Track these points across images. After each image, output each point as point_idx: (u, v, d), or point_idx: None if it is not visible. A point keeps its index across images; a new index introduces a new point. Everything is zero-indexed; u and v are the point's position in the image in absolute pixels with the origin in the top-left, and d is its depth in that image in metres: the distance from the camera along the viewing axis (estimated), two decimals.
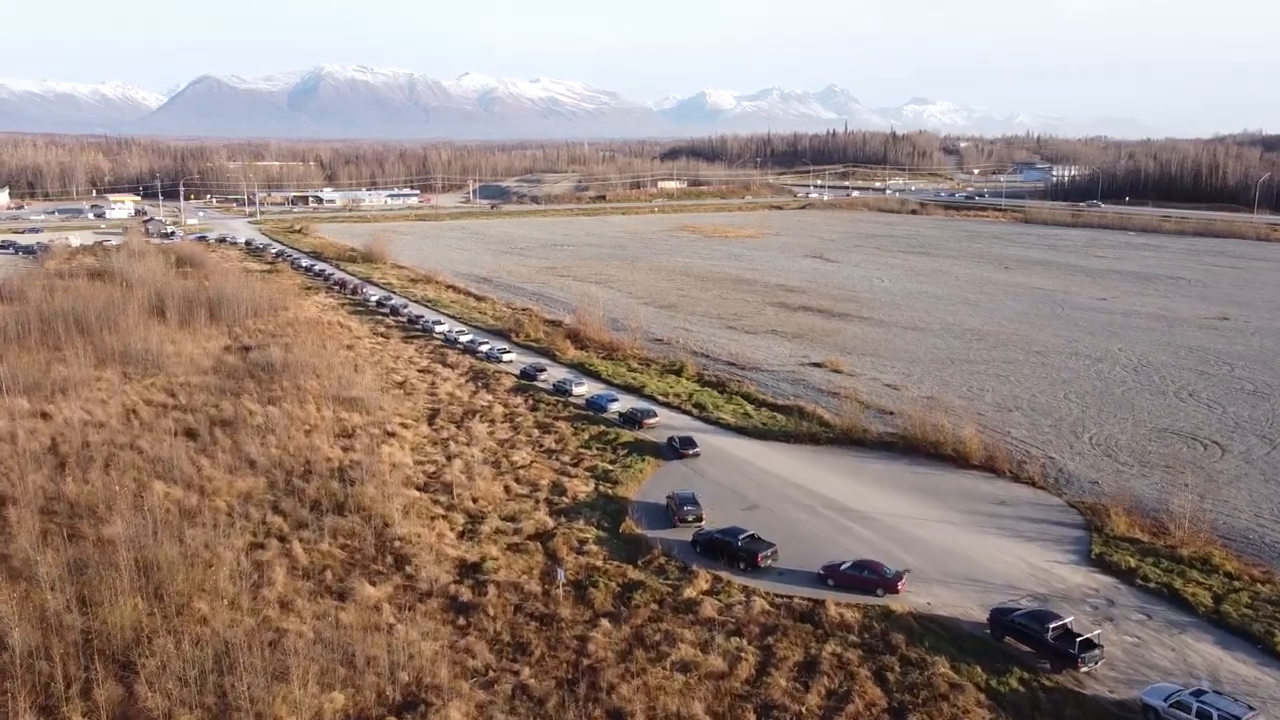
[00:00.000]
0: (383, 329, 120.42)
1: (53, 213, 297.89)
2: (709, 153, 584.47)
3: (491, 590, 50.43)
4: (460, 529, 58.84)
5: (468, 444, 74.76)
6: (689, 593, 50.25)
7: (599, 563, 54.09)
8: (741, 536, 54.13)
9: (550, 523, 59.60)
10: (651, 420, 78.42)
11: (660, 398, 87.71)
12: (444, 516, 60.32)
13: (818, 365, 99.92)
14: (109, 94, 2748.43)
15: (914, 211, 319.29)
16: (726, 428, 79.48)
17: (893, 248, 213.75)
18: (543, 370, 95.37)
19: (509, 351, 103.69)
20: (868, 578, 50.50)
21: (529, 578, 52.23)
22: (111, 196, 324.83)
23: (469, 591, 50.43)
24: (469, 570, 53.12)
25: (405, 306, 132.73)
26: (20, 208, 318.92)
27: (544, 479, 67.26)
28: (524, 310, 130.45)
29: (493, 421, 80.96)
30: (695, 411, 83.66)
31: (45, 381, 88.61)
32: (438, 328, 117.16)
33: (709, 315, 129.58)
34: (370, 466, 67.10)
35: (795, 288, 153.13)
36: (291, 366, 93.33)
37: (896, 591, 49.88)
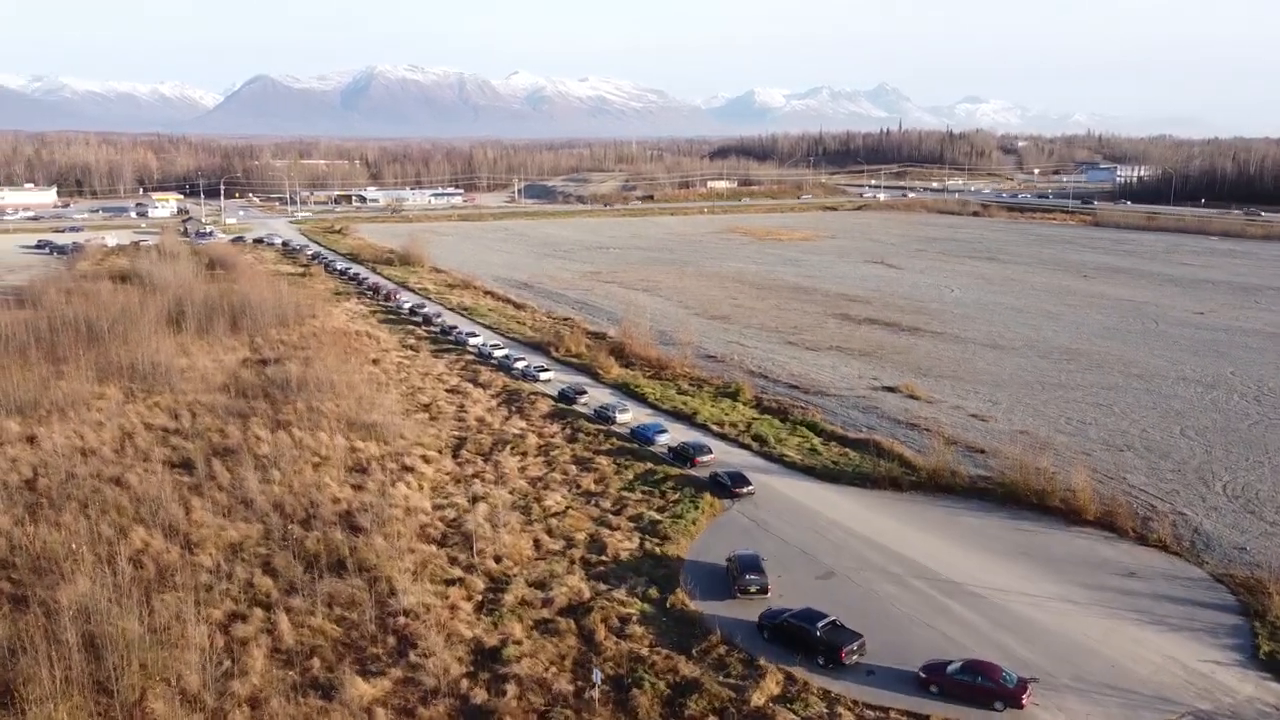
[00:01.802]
0: (413, 340, 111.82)
1: (97, 211, 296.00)
2: (759, 152, 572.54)
3: (511, 689, 40.85)
4: (479, 598, 49.40)
5: (495, 482, 65.43)
6: (756, 699, 40.21)
7: (644, 650, 44.28)
8: (821, 624, 43.91)
9: (586, 591, 49.90)
10: (706, 458, 68.37)
11: (714, 427, 77.69)
12: (461, 580, 50.91)
13: (891, 389, 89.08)
14: (167, 93, 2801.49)
15: (975, 213, 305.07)
16: (791, 466, 69.18)
17: (958, 252, 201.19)
18: (583, 392, 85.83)
19: (547, 370, 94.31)
20: (982, 685, 40.09)
21: (558, 670, 42.58)
22: (155, 195, 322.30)
23: (484, 690, 40.91)
24: (486, 657, 43.64)
25: (439, 315, 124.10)
26: (66, 206, 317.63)
27: (580, 531, 57.66)
28: (565, 320, 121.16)
29: (524, 454, 71.54)
30: (755, 445, 73.45)
31: (43, 399, 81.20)
32: (471, 340, 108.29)
33: (766, 328, 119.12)
34: (381, 512, 58.08)
35: (858, 297, 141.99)
36: (309, 385, 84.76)
37: (1020, 705, 39.43)
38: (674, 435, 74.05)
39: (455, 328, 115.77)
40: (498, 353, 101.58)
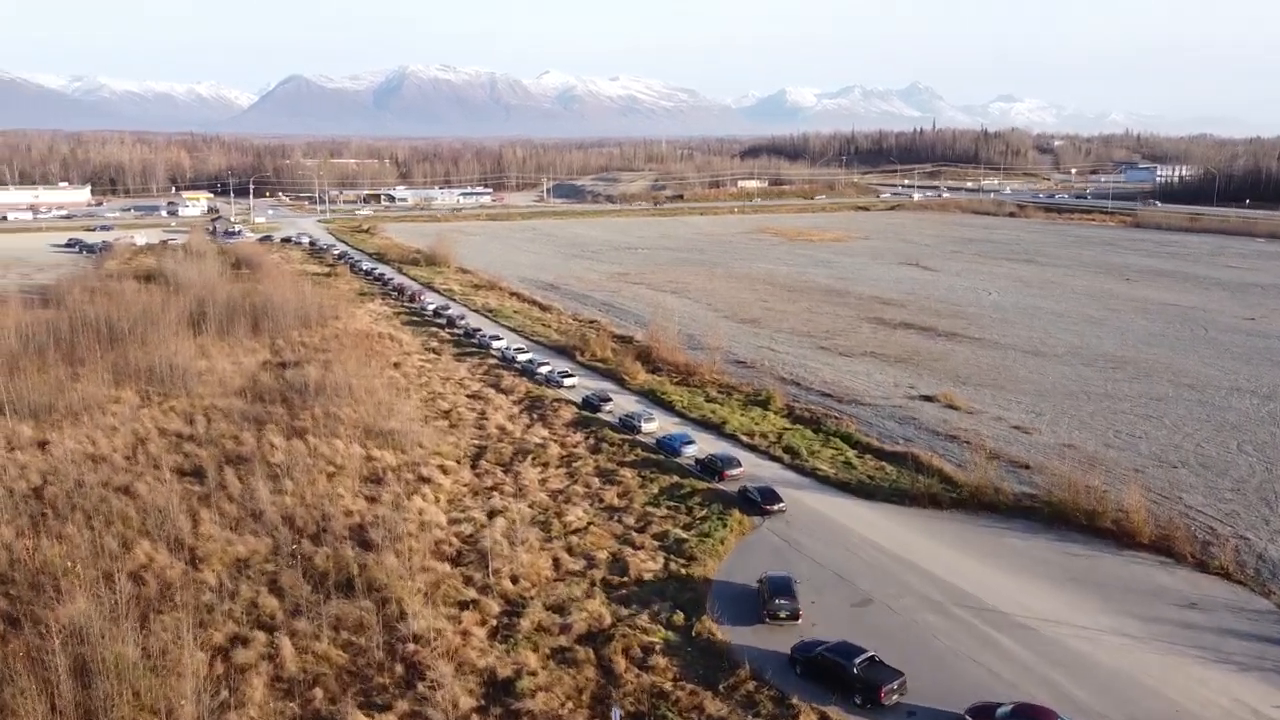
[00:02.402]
0: (435, 343, 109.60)
1: (129, 210, 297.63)
2: (790, 151, 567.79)
3: None
4: (494, 622, 46.71)
5: (514, 495, 62.83)
6: None
7: (667, 684, 41.36)
8: (858, 660, 40.77)
9: (607, 617, 47.02)
10: (735, 471, 65.30)
11: (744, 438, 74.58)
12: (475, 603, 48.26)
13: (928, 399, 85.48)
14: (203, 93, 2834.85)
15: (1012, 214, 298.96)
16: (825, 481, 65.94)
17: (994, 254, 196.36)
18: (608, 399, 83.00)
19: (571, 375, 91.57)
20: None
21: (575, 706, 39.80)
22: (186, 194, 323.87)
23: None
24: (499, 690, 40.94)
25: (463, 317, 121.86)
26: (99, 204, 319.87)
27: (602, 549, 54.84)
28: (591, 323, 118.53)
29: (546, 465, 68.85)
30: (786, 458, 70.26)
31: (59, 402, 79.65)
32: (495, 343, 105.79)
33: (797, 332, 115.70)
34: (395, 527, 55.51)
35: (892, 300, 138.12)
36: (327, 390, 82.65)
37: None
38: (702, 446, 71.03)
39: (479, 330, 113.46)
40: (521, 357, 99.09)
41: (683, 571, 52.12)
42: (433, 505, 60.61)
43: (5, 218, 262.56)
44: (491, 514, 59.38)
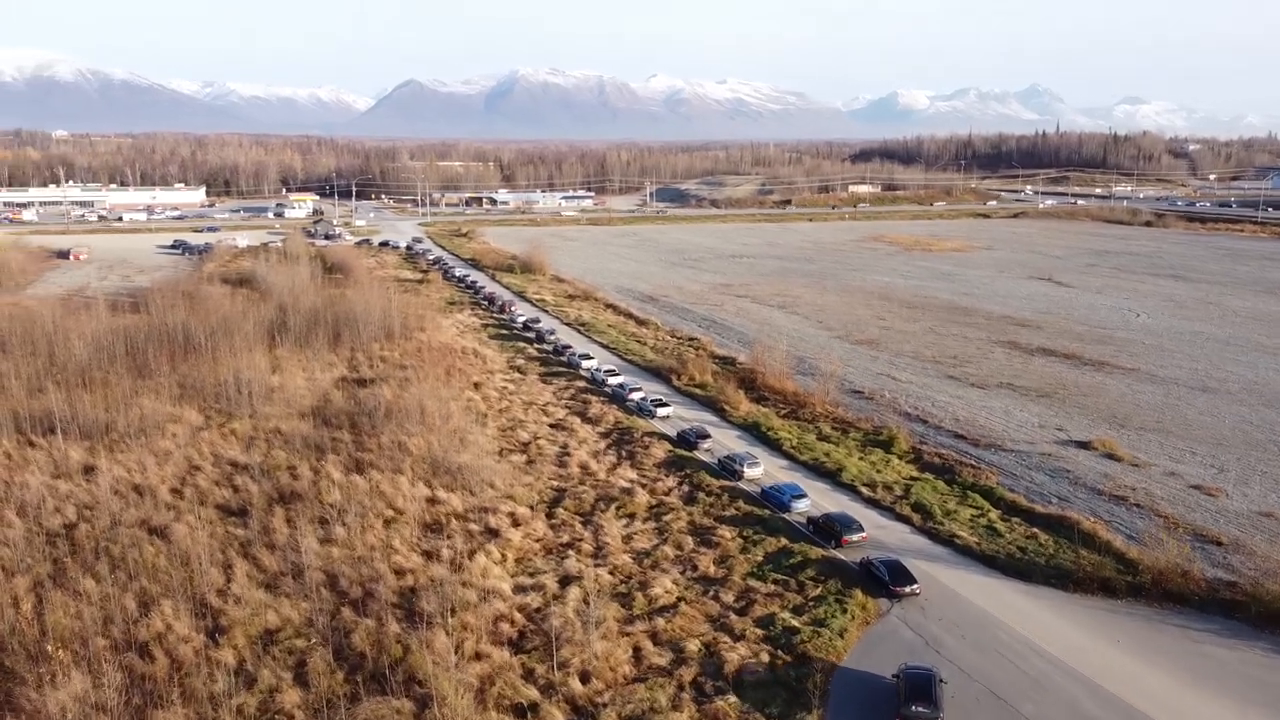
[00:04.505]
0: (521, 360, 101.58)
1: (239, 211, 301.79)
2: (903, 155, 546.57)
3: None
4: None
5: (593, 556, 53.72)
6: None
7: None
8: None
9: None
10: (855, 536, 54.73)
11: (864, 489, 63.81)
12: (534, 708, 39.22)
13: (1083, 445, 72.91)
14: (323, 97, 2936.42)
15: (1148, 223, 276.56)
16: (965, 552, 54.76)
17: (1135, 268, 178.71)
18: (706, 436, 73.16)
19: (665, 404, 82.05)
20: None
21: None
22: (293, 196, 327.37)
23: None
24: None
25: (553, 332, 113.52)
26: (211, 205, 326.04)
27: (693, 636, 45.12)
28: (690, 341, 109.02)
29: (632, 516, 59.53)
30: (916, 518, 59.22)
31: (118, 421, 74.20)
32: (585, 363, 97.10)
33: (921, 357, 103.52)
34: (451, 596, 46.99)
35: (1027, 321, 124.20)
36: (398, 414, 75.32)
37: None
38: (814, 500, 60.60)
39: (569, 347, 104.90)
40: (612, 379, 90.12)
41: (792, 675, 41.99)
42: (497, 566, 51.94)
43: (121, 218, 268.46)
44: (565, 580, 50.38)
